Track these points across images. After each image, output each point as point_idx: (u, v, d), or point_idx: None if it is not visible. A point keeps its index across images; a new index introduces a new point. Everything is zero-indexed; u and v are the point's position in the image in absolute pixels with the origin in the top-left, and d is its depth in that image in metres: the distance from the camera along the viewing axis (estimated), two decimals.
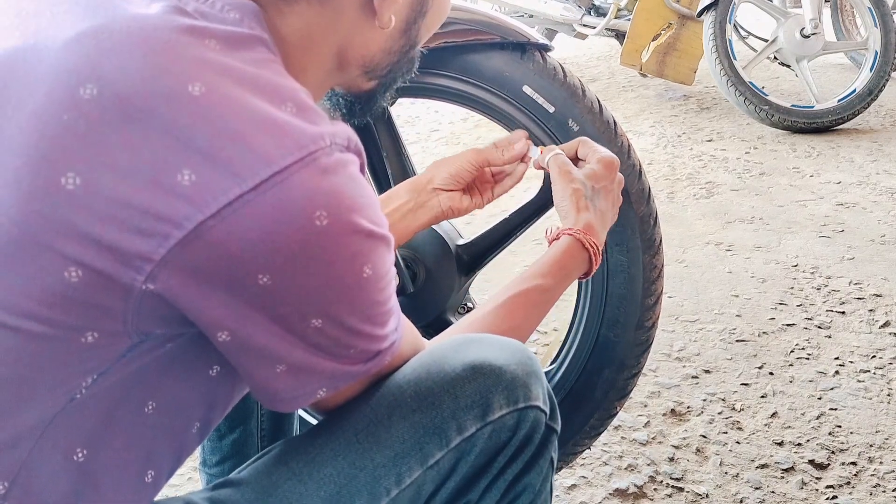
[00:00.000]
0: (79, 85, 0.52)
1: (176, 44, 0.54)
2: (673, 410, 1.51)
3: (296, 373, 0.58)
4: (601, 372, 1.11)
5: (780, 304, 1.93)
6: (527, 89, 1.06)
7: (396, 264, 1.04)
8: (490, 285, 1.99)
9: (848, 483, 1.31)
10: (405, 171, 1.18)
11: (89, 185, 0.51)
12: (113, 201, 0.51)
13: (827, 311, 1.89)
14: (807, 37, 3.39)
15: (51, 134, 0.52)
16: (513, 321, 0.83)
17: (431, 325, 1.16)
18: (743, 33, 3.89)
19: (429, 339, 1.14)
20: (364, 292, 0.58)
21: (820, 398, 1.55)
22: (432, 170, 1.00)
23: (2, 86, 0.54)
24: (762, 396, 1.56)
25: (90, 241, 0.51)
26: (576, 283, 1.14)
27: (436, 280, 1.16)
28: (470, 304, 1.21)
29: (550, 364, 1.16)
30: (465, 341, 0.71)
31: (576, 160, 0.99)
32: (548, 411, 0.71)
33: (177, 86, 0.52)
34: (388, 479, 0.65)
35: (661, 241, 1.10)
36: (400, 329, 0.64)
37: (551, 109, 1.06)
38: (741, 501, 1.28)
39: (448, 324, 1.16)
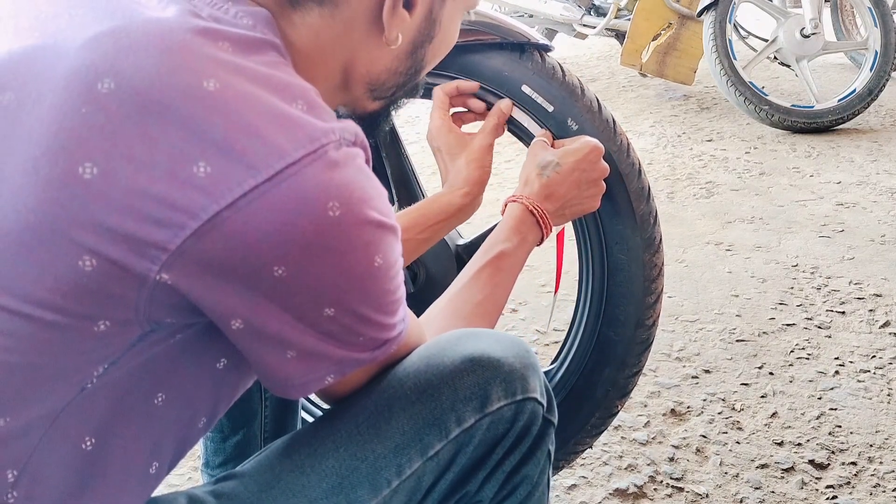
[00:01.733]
0: (97, 80, 0.53)
1: (191, 43, 0.55)
2: (673, 410, 1.51)
3: (306, 359, 0.59)
4: (602, 371, 1.11)
5: (780, 304, 1.93)
6: (525, 88, 1.07)
7: None
8: None
9: (848, 483, 1.31)
10: (403, 170, 1.18)
11: (106, 176, 0.52)
12: (129, 191, 0.52)
13: (827, 311, 1.89)
14: (807, 37, 3.39)
15: (69, 125, 0.53)
16: (486, 289, 0.87)
17: None
18: (743, 33, 3.89)
19: None
20: (375, 281, 0.59)
21: (820, 398, 1.55)
22: (470, 178, 1.01)
23: (22, 82, 0.56)
24: (762, 396, 1.56)
25: (105, 231, 0.52)
26: (576, 283, 1.14)
27: (435, 280, 1.16)
28: None
29: (551, 364, 1.16)
30: (464, 335, 0.72)
31: None
32: (545, 404, 0.72)
33: (192, 81, 0.54)
34: (389, 470, 0.66)
35: (661, 239, 1.10)
36: (407, 319, 0.65)
37: (550, 108, 1.06)
38: (741, 501, 1.28)
39: None
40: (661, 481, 1.32)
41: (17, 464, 0.57)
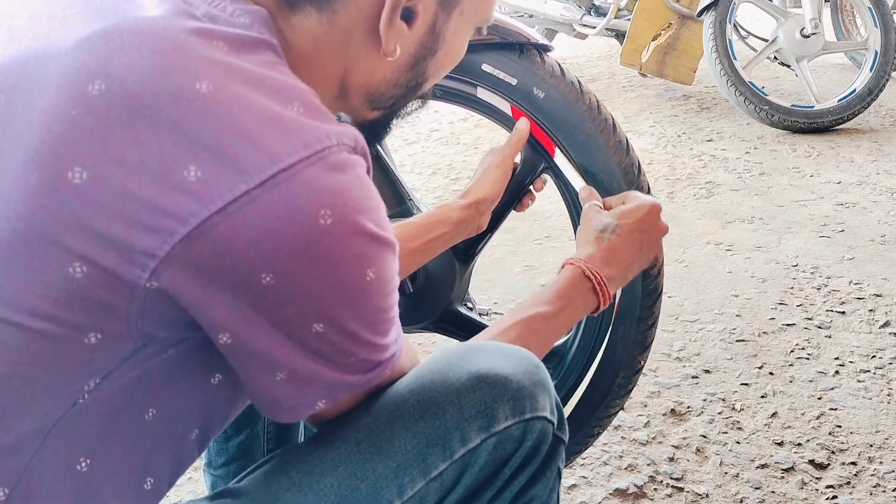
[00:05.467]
0: (87, 81, 0.52)
1: (184, 43, 0.54)
2: (673, 410, 1.51)
3: (296, 381, 0.58)
4: (617, 329, 1.12)
5: (780, 304, 1.93)
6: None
7: None
8: (490, 285, 1.99)
9: (848, 483, 1.32)
10: (385, 172, 1.19)
11: (96, 180, 0.51)
12: (119, 196, 0.51)
13: (827, 311, 1.89)
14: (807, 37, 3.39)
15: (59, 129, 0.52)
16: None
17: (442, 318, 1.17)
18: (743, 33, 3.89)
19: (440, 335, 1.15)
20: (367, 297, 0.57)
21: (820, 398, 1.55)
22: (476, 193, 1.04)
23: (14, 84, 0.55)
24: (762, 396, 1.56)
25: (95, 236, 0.51)
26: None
27: (435, 280, 1.16)
28: (470, 304, 1.21)
29: (565, 337, 1.16)
30: (471, 350, 0.69)
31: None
32: (555, 422, 0.69)
33: (184, 83, 0.52)
34: (390, 490, 0.63)
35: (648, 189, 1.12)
36: (400, 341, 0.63)
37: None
38: (741, 501, 1.28)
39: (457, 314, 1.18)
40: (661, 481, 1.32)
41: (8, 482, 0.55)
